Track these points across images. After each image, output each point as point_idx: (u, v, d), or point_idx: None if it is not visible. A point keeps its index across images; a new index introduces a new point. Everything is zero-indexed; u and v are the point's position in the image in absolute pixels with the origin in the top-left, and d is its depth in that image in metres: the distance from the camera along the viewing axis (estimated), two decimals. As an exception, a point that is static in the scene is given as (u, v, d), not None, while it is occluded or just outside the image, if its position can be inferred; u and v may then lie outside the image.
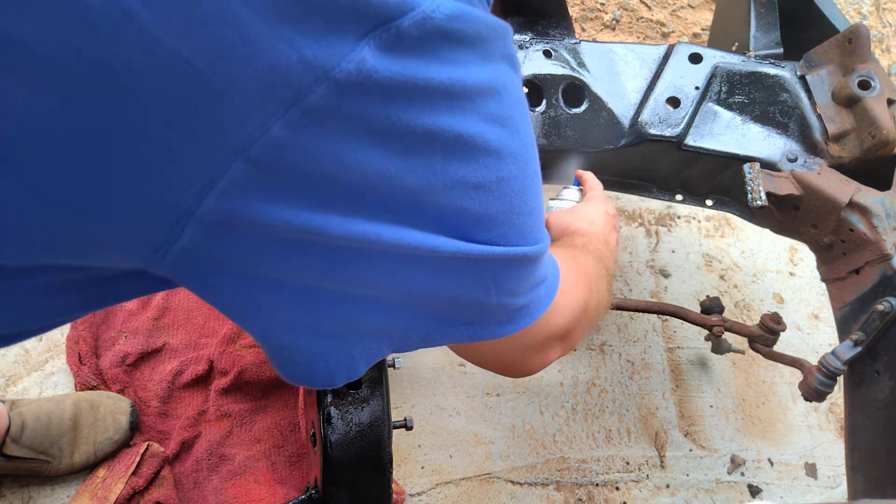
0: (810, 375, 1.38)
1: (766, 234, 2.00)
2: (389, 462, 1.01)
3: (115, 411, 1.39)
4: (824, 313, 2.03)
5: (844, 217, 1.32)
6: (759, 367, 1.91)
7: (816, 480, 1.81)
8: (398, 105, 0.40)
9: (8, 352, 1.52)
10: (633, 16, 2.41)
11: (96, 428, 1.36)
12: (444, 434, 1.65)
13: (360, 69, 0.38)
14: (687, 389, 1.85)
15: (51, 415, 1.34)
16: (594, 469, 1.70)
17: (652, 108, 1.39)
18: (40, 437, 1.32)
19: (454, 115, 0.43)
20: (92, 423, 1.36)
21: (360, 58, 0.38)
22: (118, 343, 1.53)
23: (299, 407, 1.50)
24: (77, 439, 1.35)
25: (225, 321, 1.59)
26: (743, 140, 1.39)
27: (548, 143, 1.38)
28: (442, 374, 1.71)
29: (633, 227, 2.03)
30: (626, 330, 1.88)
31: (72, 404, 1.36)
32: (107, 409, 1.38)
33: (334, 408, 0.97)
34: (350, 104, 0.39)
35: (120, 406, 1.40)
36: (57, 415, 1.34)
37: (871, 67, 1.35)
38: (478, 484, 1.61)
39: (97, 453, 1.37)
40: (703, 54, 1.42)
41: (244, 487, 1.44)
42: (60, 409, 1.35)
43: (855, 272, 1.34)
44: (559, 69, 1.40)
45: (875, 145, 1.32)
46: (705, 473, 1.75)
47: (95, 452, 1.37)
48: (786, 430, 1.86)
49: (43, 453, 1.32)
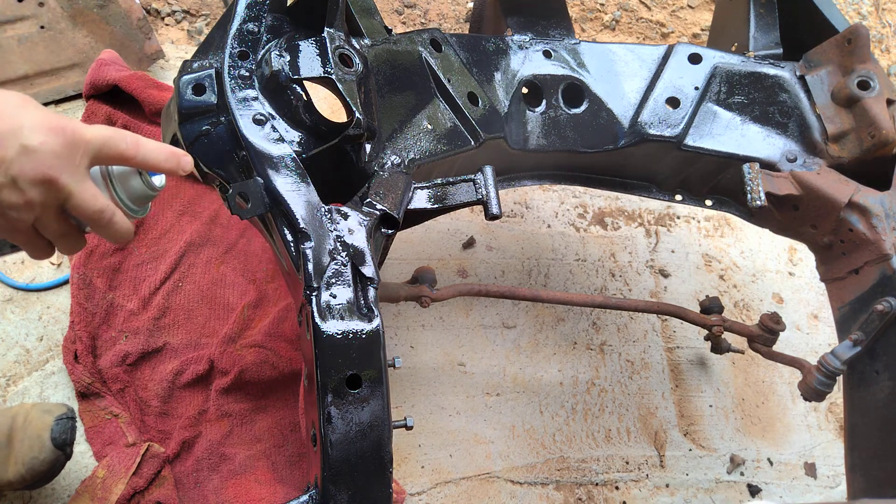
0: (810, 375, 1.38)
1: (765, 234, 2.00)
2: (389, 461, 1.01)
3: (39, 428, 1.26)
4: (824, 313, 2.03)
5: (844, 217, 1.32)
6: (759, 367, 1.91)
7: (816, 480, 1.82)
8: None
9: (8, 352, 1.52)
10: (633, 16, 2.42)
11: (24, 446, 1.25)
12: (444, 434, 1.65)
13: None
14: (686, 389, 1.85)
15: None
16: (594, 468, 1.70)
17: (651, 109, 1.39)
18: None
19: None
20: (21, 439, 1.26)
21: None
22: (119, 343, 1.53)
23: (299, 406, 1.50)
24: (9, 457, 1.26)
25: (225, 321, 1.60)
26: (742, 140, 1.40)
27: (548, 143, 1.38)
28: (442, 374, 1.71)
29: (632, 227, 2.03)
30: (626, 330, 1.88)
31: (9, 418, 1.28)
32: (34, 425, 1.26)
33: (334, 407, 0.97)
34: None
35: (45, 421, 1.27)
36: None
37: (870, 68, 1.35)
38: (478, 483, 1.62)
39: (28, 472, 1.25)
40: (702, 55, 1.42)
41: (245, 487, 1.45)
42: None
43: (854, 272, 1.35)
44: (559, 69, 1.40)
45: (874, 145, 1.32)
46: (705, 473, 1.76)
47: (27, 471, 1.25)
48: (785, 430, 1.86)
49: None
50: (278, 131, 1.07)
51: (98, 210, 0.72)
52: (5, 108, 0.67)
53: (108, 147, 0.73)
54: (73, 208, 0.71)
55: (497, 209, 1.19)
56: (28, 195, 0.67)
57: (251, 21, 1.12)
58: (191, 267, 1.63)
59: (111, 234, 0.76)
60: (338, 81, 1.09)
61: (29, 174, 0.66)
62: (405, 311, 1.75)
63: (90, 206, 0.72)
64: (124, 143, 0.74)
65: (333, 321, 0.99)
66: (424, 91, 1.26)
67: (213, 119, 1.07)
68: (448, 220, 1.89)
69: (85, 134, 0.71)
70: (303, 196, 1.05)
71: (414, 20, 2.21)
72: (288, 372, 1.53)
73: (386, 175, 1.16)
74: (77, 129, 0.70)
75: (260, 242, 1.69)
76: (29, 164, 0.66)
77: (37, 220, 0.70)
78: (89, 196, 0.71)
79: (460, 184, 1.20)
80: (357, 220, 1.07)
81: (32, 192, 0.67)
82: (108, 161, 0.74)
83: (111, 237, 0.76)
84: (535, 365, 1.78)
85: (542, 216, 1.98)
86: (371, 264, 1.05)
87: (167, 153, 0.77)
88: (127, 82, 1.66)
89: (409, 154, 1.21)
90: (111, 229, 0.75)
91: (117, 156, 0.74)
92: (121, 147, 0.74)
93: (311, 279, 1.01)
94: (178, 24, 2.03)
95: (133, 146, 0.74)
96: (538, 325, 1.83)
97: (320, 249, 1.03)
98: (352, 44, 1.17)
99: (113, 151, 0.73)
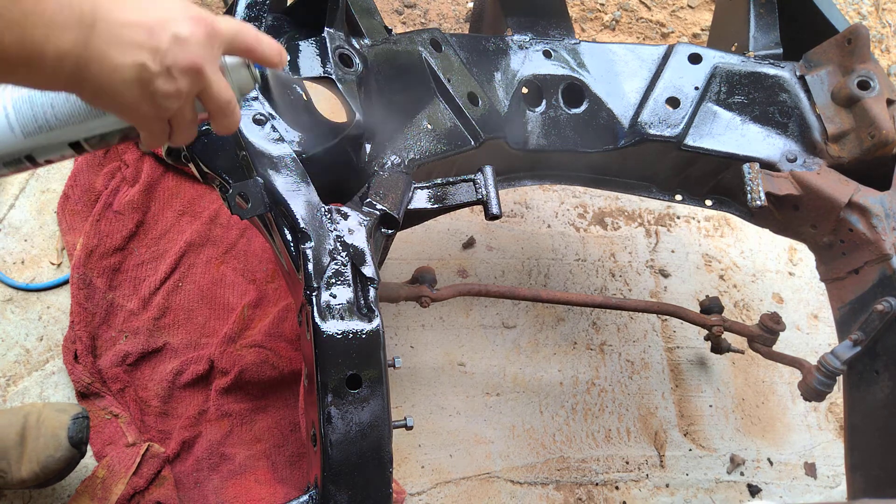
0: (810, 375, 1.38)
1: (765, 234, 2.00)
2: (389, 461, 1.01)
3: (56, 427, 1.28)
4: (824, 313, 2.03)
5: (844, 217, 1.32)
6: (759, 367, 1.91)
7: (816, 480, 1.82)
8: None
9: (8, 352, 1.52)
10: (633, 16, 2.42)
11: (38, 444, 1.28)
12: (444, 434, 1.65)
13: None
14: (686, 389, 1.85)
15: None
16: (594, 468, 1.70)
17: (651, 109, 1.39)
18: None
19: None
20: (35, 438, 1.28)
21: None
22: (119, 343, 1.53)
23: (299, 406, 1.50)
24: (23, 455, 1.28)
25: (226, 321, 1.60)
26: (742, 140, 1.40)
27: (548, 143, 1.38)
28: (442, 374, 1.71)
29: (632, 227, 2.03)
30: (626, 330, 1.88)
31: (21, 417, 1.30)
32: (49, 424, 1.29)
33: (334, 407, 0.97)
34: None
35: (61, 421, 1.29)
36: (4, 429, 1.29)
37: (870, 68, 1.35)
38: (478, 483, 1.62)
39: (43, 470, 1.28)
40: (702, 55, 1.42)
41: (245, 487, 1.45)
42: (9, 423, 1.29)
43: (854, 272, 1.35)
44: (559, 69, 1.40)
45: (874, 145, 1.32)
46: (705, 473, 1.76)
47: (41, 469, 1.28)
48: (785, 430, 1.86)
49: None
50: (278, 131, 1.07)
51: (228, 100, 0.74)
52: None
53: (237, 39, 0.74)
54: (209, 97, 0.72)
55: (497, 209, 1.19)
56: (179, 83, 0.68)
57: (251, 21, 1.12)
58: (191, 267, 1.63)
59: (229, 124, 0.77)
60: (338, 81, 1.09)
61: (181, 63, 0.67)
62: (405, 311, 1.75)
63: (223, 96, 0.73)
64: (250, 35, 0.75)
65: (333, 321, 0.99)
66: (424, 91, 1.26)
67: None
68: (448, 220, 1.89)
69: (219, 25, 0.72)
70: (303, 196, 1.05)
71: (414, 20, 2.21)
72: (288, 372, 1.53)
73: (386, 175, 1.16)
74: (213, 20, 0.72)
75: (260, 242, 1.69)
76: (181, 54, 0.67)
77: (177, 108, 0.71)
78: (224, 86, 0.73)
79: (460, 184, 1.20)
80: (357, 220, 1.07)
81: (183, 80, 0.68)
82: (235, 52, 0.76)
83: (227, 127, 0.77)
84: (535, 365, 1.78)
85: (542, 216, 1.98)
86: (371, 264, 1.05)
87: (277, 49, 0.79)
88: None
89: (409, 154, 1.21)
90: (231, 119, 0.76)
91: (244, 48, 0.75)
92: (248, 40, 0.75)
93: (311, 279, 1.01)
94: (178, 24, 2.02)
95: (256, 40, 0.76)
96: (538, 325, 1.83)
97: (320, 249, 1.03)
98: (352, 44, 1.17)
99: (242, 44, 0.75)
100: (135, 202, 1.64)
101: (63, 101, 0.71)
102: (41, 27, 0.60)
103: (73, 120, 0.72)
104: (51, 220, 1.65)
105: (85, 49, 0.62)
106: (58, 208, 1.64)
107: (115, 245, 1.60)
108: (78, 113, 0.72)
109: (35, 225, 1.64)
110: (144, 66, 0.65)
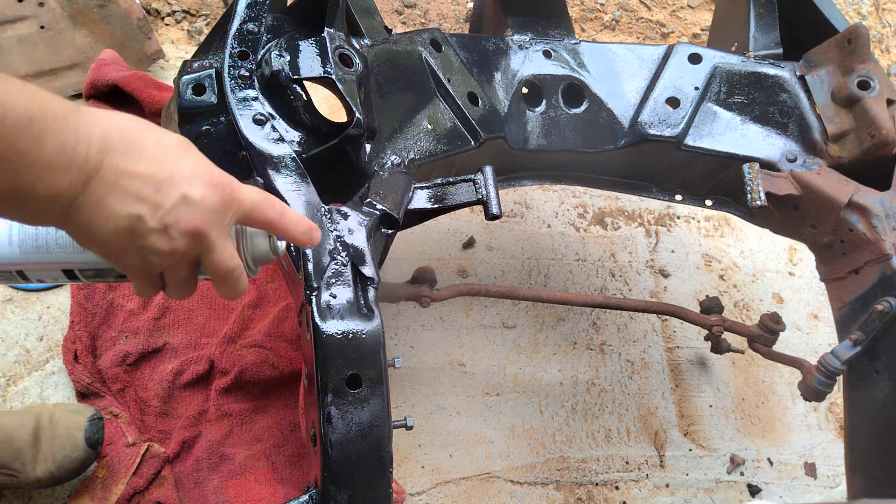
0: (810, 375, 1.38)
1: (765, 234, 2.00)
2: (389, 461, 1.01)
3: (72, 427, 1.31)
4: (824, 313, 2.03)
5: (844, 217, 1.32)
6: (759, 367, 1.92)
7: (816, 480, 1.82)
8: None
9: (8, 352, 1.52)
10: (633, 16, 2.42)
11: (54, 444, 1.30)
12: (444, 434, 1.65)
13: None
14: (686, 389, 1.85)
15: (11, 429, 1.30)
16: (594, 468, 1.70)
17: (651, 109, 1.39)
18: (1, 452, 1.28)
19: None
20: (50, 438, 1.31)
21: None
22: (119, 343, 1.53)
23: (299, 406, 1.50)
24: (37, 455, 1.30)
25: (226, 321, 1.60)
26: (742, 140, 1.40)
27: (548, 143, 1.38)
28: (442, 374, 1.71)
29: (632, 227, 2.03)
30: (626, 330, 1.88)
31: (33, 418, 1.32)
32: (64, 424, 1.31)
33: (334, 407, 0.97)
34: None
35: (77, 422, 1.32)
36: (17, 429, 1.30)
37: (870, 68, 1.35)
38: (478, 483, 1.62)
39: (59, 469, 1.30)
40: (702, 55, 1.42)
41: (245, 487, 1.45)
42: (21, 424, 1.31)
43: (854, 272, 1.35)
44: (559, 69, 1.40)
45: (874, 145, 1.32)
46: (705, 473, 1.76)
47: (57, 469, 1.30)
48: (785, 430, 1.86)
49: (5, 468, 1.29)
50: (278, 131, 1.07)
51: (231, 269, 0.71)
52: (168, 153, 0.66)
53: (256, 211, 0.72)
54: (210, 263, 0.70)
55: (497, 209, 1.19)
56: (175, 244, 0.66)
57: (251, 21, 1.12)
58: (191, 267, 1.63)
59: (231, 292, 0.75)
60: (338, 81, 1.09)
61: (183, 225, 0.65)
62: (405, 311, 1.75)
63: (226, 265, 0.71)
64: (272, 210, 0.73)
65: (333, 321, 0.99)
66: (424, 91, 1.26)
67: (213, 119, 1.07)
68: (448, 220, 1.89)
69: (240, 194, 0.70)
70: (303, 196, 1.05)
71: (414, 20, 2.21)
72: (288, 372, 1.53)
73: (386, 175, 1.16)
74: (234, 189, 0.70)
75: (260, 242, 1.69)
76: (185, 215, 0.65)
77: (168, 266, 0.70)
78: (228, 255, 0.71)
79: (460, 184, 1.20)
80: (357, 220, 1.07)
81: (180, 241, 0.66)
82: (251, 223, 0.74)
83: (229, 294, 0.75)
84: (535, 365, 1.78)
85: (542, 216, 1.98)
86: (371, 264, 1.05)
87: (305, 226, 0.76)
88: (127, 82, 1.66)
89: (409, 154, 1.21)
90: (233, 288, 0.74)
91: (263, 221, 0.73)
92: (268, 214, 0.73)
93: (311, 279, 1.01)
94: (178, 24, 2.03)
95: (279, 215, 0.73)
96: (538, 325, 1.83)
97: (320, 249, 1.03)
98: (352, 44, 1.17)
99: (260, 217, 0.72)
100: (135, 202, 1.63)
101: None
102: (36, 168, 0.58)
103: (71, 249, 0.72)
104: (51, 220, 1.65)
105: (81, 193, 0.61)
106: (58, 208, 1.64)
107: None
108: (77, 244, 0.70)
109: (35, 225, 1.64)
110: (141, 218, 0.63)
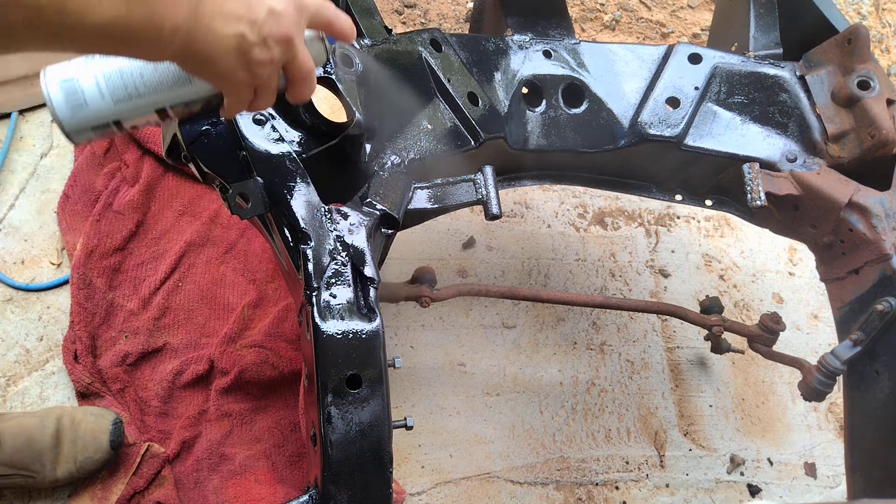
0: (810, 375, 1.38)
1: (765, 234, 2.00)
2: (389, 461, 1.01)
3: (95, 430, 1.34)
4: (824, 313, 2.03)
5: (844, 217, 1.32)
6: (759, 367, 1.91)
7: (816, 480, 1.82)
8: None
9: (8, 352, 1.52)
10: (633, 16, 2.42)
11: (76, 446, 1.33)
12: (444, 434, 1.65)
13: None
14: (686, 389, 1.85)
15: (31, 431, 1.32)
16: (594, 468, 1.70)
17: (651, 109, 1.39)
18: (20, 453, 1.30)
19: None
20: (72, 440, 1.33)
21: None
22: (119, 343, 1.53)
23: (299, 406, 1.50)
24: (58, 456, 1.33)
25: (226, 321, 1.60)
26: (742, 140, 1.40)
27: (548, 143, 1.38)
28: (442, 374, 1.71)
29: (632, 227, 2.03)
30: (626, 330, 1.88)
31: (54, 420, 1.34)
32: (88, 427, 1.35)
33: (335, 407, 0.97)
34: None
35: (101, 425, 1.35)
36: (38, 431, 1.32)
37: (870, 68, 1.35)
38: (478, 483, 1.62)
39: (79, 470, 1.34)
40: (702, 54, 1.42)
41: (245, 487, 1.45)
42: (42, 425, 1.33)
43: (854, 272, 1.35)
44: (559, 69, 1.40)
45: (874, 145, 1.32)
46: (705, 473, 1.76)
47: (78, 470, 1.34)
48: (785, 430, 1.86)
49: (24, 469, 1.31)
50: (278, 131, 1.07)
51: (310, 70, 0.79)
52: None
53: (320, 13, 0.79)
54: (296, 67, 0.78)
55: (497, 209, 1.19)
56: (273, 53, 0.74)
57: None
58: (191, 267, 1.63)
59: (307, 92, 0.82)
60: (338, 81, 1.09)
61: (276, 34, 0.73)
62: (405, 311, 1.75)
63: (307, 66, 0.79)
64: (330, 11, 0.81)
65: (333, 321, 0.99)
66: (424, 91, 1.26)
67: (213, 119, 1.07)
68: (448, 220, 1.89)
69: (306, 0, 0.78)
70: (303, 196, 1.05)
71: (414, 20, 2.21)
72: (288, 372, 1.53)
73: (386, 175, 1.16)
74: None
75: (260, 242, 1.69)
76: (276, 27, 0.72)
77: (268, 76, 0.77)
78: (307, 57, 0.78)
79: (460, 184, 1.20)
80: (357, 220, 1.07)
81: (276, 50, 0.74)
82: (317, 26, 0.81)
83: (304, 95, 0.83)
84: (535, 365, 1.78)
85: (542, 216, 1.98)
86: (371, 264, 1.05)
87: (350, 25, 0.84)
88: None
89: (409, 154, 1.21)
90: (311, 88, 0.82)
91: (325, 22, 0.81)
92: (328, 14, 0.80)
93: (311, 279, 1.01)
94: (178, 24, 2.02)
95: (335, 16, 0.81)
96: (538, 325, 1.83)
97: (320, 249, 1.03)
98: (352, 44, 1.17)
99: (323, 18, 0.80)
100: (135, 202, 1.64)
101: (151, 71, 0.77)
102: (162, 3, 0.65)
103: (161, 88, 0.78)
104: (51, 220, 1.65)
105: (194, 22, 0.67)
106: (58, 208, 1.64)
107: (115, 245, 1.60)
108: (166, 81, 0.78)
109: (35, 225, 1.64)
110: (244, 36, 0.70)
